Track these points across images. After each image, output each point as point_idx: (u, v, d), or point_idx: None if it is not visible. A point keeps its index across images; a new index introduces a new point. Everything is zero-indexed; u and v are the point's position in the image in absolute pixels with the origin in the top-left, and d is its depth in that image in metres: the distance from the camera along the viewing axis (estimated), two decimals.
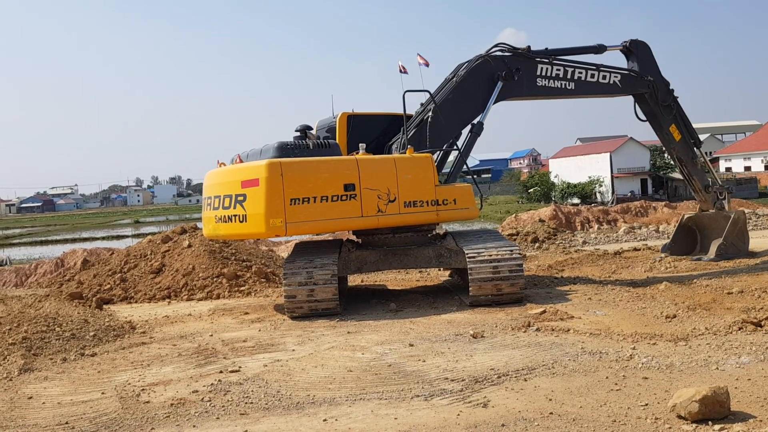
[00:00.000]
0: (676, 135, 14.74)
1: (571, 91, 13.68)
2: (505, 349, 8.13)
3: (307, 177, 10.82)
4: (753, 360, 7.02)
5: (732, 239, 14.93)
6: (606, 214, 26.15)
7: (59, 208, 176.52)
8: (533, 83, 13.27)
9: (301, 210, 10.69)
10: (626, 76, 14.13)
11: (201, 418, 6.28)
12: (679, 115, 14.77)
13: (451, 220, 12.51)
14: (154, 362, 8.58)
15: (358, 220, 11.18)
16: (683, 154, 14.98)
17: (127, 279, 14.89)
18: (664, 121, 14.56)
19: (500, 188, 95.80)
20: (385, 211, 11.21)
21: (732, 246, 14.93)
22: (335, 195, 10.89)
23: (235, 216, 11.02)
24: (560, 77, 13.49)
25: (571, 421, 5.62)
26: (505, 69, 12.85)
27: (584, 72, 13.69)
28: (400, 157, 11.64)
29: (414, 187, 11.43)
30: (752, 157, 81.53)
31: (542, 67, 13.28)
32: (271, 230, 10.69)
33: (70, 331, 10.16)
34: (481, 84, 12.81)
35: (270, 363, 8.13)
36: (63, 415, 6.57)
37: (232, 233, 11.50)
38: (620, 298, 10.96)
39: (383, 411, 6.17)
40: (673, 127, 14.66)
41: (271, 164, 10.68)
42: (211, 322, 11.21)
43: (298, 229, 11.00)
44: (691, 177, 15.27)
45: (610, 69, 13.93)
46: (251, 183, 10.78)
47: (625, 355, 7.51)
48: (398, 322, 10.17)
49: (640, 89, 14.27)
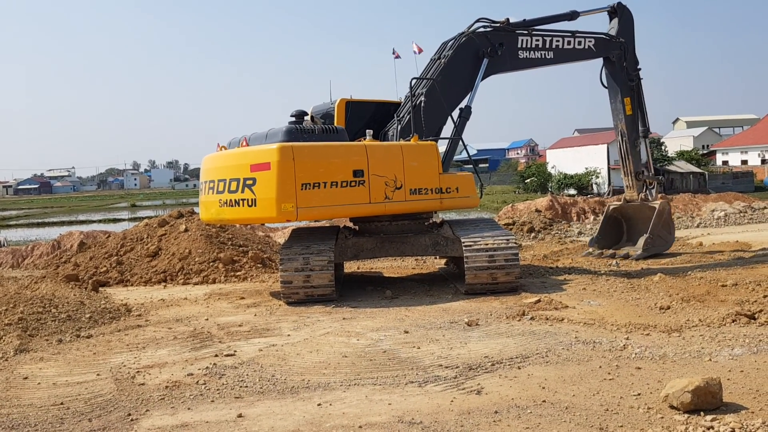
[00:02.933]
0: (628, 109, 14.93)
1: (551, 60, 13.84)
2: (500, 338, 8.17)
3: (318, 162, 10.73)
4: (746, 352, 7.06)
5: (658, 231, 14.82)
6: (602, 205, 26.11)
7: (56, 190, 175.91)
8: (515, 56, 13.39)
9: (311, 195, 10.61)
10: (599, 39, 14.36)
11: (196, 400, 6.31)
12: (638, 97, 15.04)
13: (453, 208, 12.54)
14: (150, 345, 8.61)
15: (366, 207, 11.13)
16: (628, 130, 15.04)
17: (123, 262, 14.89)
18: (622, 86, 14.76)
19: (497, 178, 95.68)
20: (392, 198, 11.21)
21: (658, 238, 14.86)
22: (344, 181, 10.84)
23: (243, 200, 10.84)
24: (539, 47, 13.62)
25: (564, 409, 5.65)
26: (489, 45, 12.92)
27: (561, 40, 13.87)
28: (407, 144, 11.63)
29: (419, 175, 11.44)
30: (749, 150, 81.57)
31: (522, 39, 13.39)
32: (282, 215, 10.58)
33: (66, 312, 10.18)
34: (467, 62, 12.85)
35: (265, 347, 8.15)
36: (58, 396, 6.59)
37: (239, 217, 11.35)
38: (614, 289, 11.01)
39: (377, 396, 6.20)
40: (627, 100, 14.87)
41: (283, 148, 10.55)
42: (206, 307, 11.23)
43: (308, 214, 10.92)
44: (627, 156, 15.21)
45: (585, 34, 14.15)
46: (261, 167, 10.61)
47: (619, 345, 7.54)
48: (394, 309, 10.20)
49: (612, 50, 14.52)
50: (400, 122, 12.31)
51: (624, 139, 15.14)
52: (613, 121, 15.31)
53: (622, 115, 14.97)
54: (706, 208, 25.32)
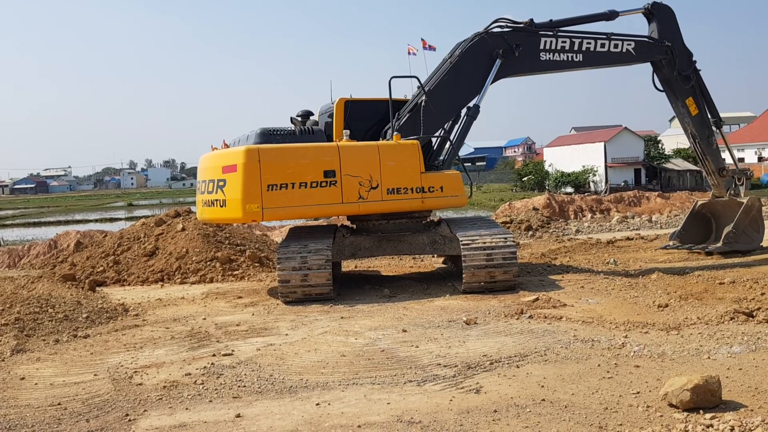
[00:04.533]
0: (693, 109, 13.75)
1: (579, 63, 13.11)
2: (498, 336, 8.15)
3: (286, 163, 10.92)
4: (744, 350, 7.06)
5: (743, 227, 13.88)
6: (599, 203, 26.16)
7: (52, 189, 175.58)
8: (536, 58, 12.79)
9: (278, 196, 10.79)
10: (641, 42, 13.35)
11: (194, 400, 6.29)
12: (699, 88, 13.83)
13: (437, 207, 12.46)
14: (147, 345, 8.58)
15: (338, 207, 11.26)
16: (698, 131, 13.90)
17: (120, 261, 14.85)
18: (680, 91, 13.64)
19: (494, 176, 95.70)
20: (367, 198, 11.22)
21: (743, 235, 13.92)
22: (314, 181, 10.97)
23: (216, 201, 11.26)
24: (566, 49, 12.89)
25: (563, 408, 5.64)
26: (504, 46, 12.46)
27: (593, 42, 13.04)
28: (384, 144, 11.62)
29: (398, 174, 11.40)
30: (746, 148, 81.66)
31: (546, 40, 12.72)
32: (247, 215, 10.86)
33: (62, 312, 10.14)
34: (478, 63, 12.49)
35: (263, 347, 8.13)
36: (55, 396, 6.57)
37: (213, 218, 11.79)
38: (613, 287, 11.00)
39: (376, 396, 6.18)
40: (690, 100, 13.72)
41: (248, 150, 10.82)
42: (204, 306, 11.21)
43: (275, 214, 11.18)
44: (704, 157, 14.18)
45: (623, 36, 13.20)
46: (230, 168, 10.94)
47: (618, 343, 7.54)
48: (391, 308, 10.18)
49: (657, 56, 13.44)
50: (398, 121, 12.26)
51: (696, 141, 14.01)
52: (681, 125, 14.24)
53: (688, 119, 13.80)
54: None
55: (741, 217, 13.81)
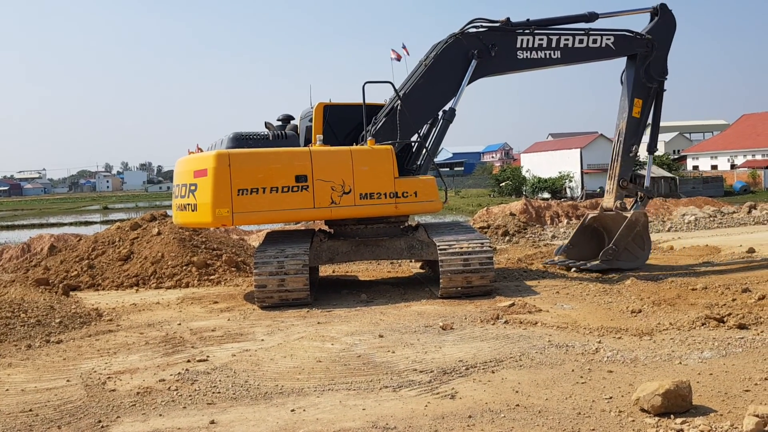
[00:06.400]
0: (636, 111, 13.49)
1: (558, 60, 13.03)
2: (474, 341, 8.20)
3: (257, 168, 10.98)
4: (715, 355, 7.17)
5: (626, 244, 13.22)
6: (575, 209, 26.36)
7: (26, 192, 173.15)
8: (513, 57, 12.77)
9: (249, 200, 10.84)
10: (620, 36, 13.27)
11: (167, 407, 6.24)
12: (655, 105, 13.69)
13: (411, 212, 12.41)
14: (121, 350, 8.50)
15: (310, 212, 11.32)
16: (627, 131, 13.54)
17: (94, 266, 14.69)
18: (636, 85, 13.39)
19: (472, 181, 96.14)
20: (339, 202, 11.25)
21: (626, 252, 13.23)
22: (286, 186, 11.02)
23: (188, 205, 11.36)
24: (544, 47, 12.87)
25: (537, 413, 5.69)
26: (480, 46, 12.49)
27: (571, 38, 13.01)
28: (357, 149, 11.63)
29: (371, 179, 11.43)
30: (719, 156, 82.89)
31: (523, 38, 12.73)
32: (217, 220, 10.92)
33: (35, 317, 10.02)
34: (453, 65, 12.51)
35: (238, 353, 8.10)
36: (27, 403, 6.48)
37: (185, 222, 11.88)
38: (587, 292, 11.11)
39: (351, 401, 6.19)
40: (639, 102, 13.49)
41: (219, 155, 10.90)
42: (179, 311, 11.13)
43: (245, 219, 11.25)
44: (617, 158, 13.71)
45: (602, 31, 13.17)
46: (201, 173, 11.02)
47: (591, 348, 7.62)
48: (368, 313, 10.19)
49: (637, 49, 13.34)
50: (374, 126, 12.29)
51: (620, 140, 13.65)
52: (617, 120, 13.79)
53: (626, 114, 13.48)
54: (677, 213, 25.67)
55: (623, 232, 13.18)
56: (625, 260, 13.26)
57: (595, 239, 14.06)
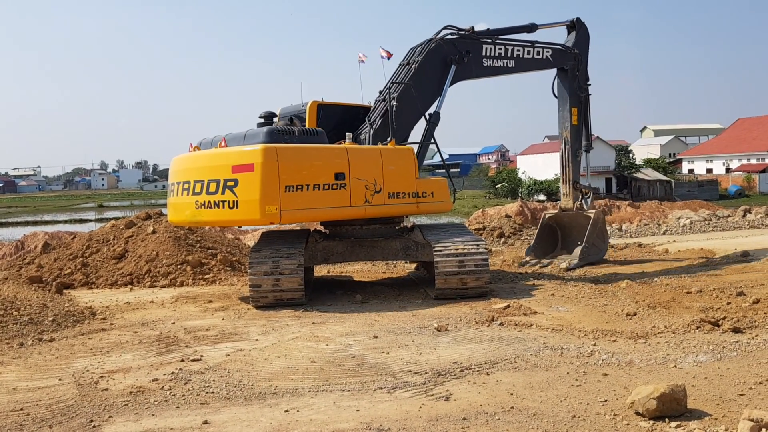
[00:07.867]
0: (575, 119, 15.38)
1: (512, 69, 14.22)
2: (469, 343, 8.17)
3: (302, 164, 10.65)
4: (710, 359, 7.16)
5: (593, 240, 14.91)
6: None
7: (21, 189, 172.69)
8: (480, 64, 13.73)
9: (295, 197, 10.51)
10: (556, 50, 14.90)
11: (160, 406, 6.20)
12: (585, 109, 15.52)
13: (429, 212, 12.70)
14: (114, 349, 8.45)
15: (347, 210, 11.12)
16: (572, 139, 15.42)
17: (88, 264, 14.63)
18: (571, 96, 15.22)
19: (468, 183, 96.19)
20: (372, 201, 11.22)
21: (593, 247, 14.93)
22: (326, 183, 10.81)
23: (224, 202, 10.63)
24: (502, 56, 14.01)
25: (532, 415, 5.67)
26: (457, 52, 13.22)
27: (522, 49, 14.28)
28: (385, 149, 11.66)
29: (397, 179, 11.52)
30: (714, 159, 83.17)
31: (486, 47, 13.79)
32: (266, 217, 10.44)
33: (28, 315, 9.96)
34: (436, 68, 13.08)
35: (232, 352, 8.06)
36: (18, 402, 6.43)
37: (219, 219, 11.08)
38: (582, 295, 11.11)
39: (346, 402, 6.16)
40: (575, 110, 15.33)
41: (267, 149, 10.42)
42: (173, 310, 11.08)
43: (292, 216, 10.80)
44: (567, 164, 15.53)
45: (543, 44, 14.62)
46: (244, 168, 10.46)
47: (586, 351, 7.60)
48: (363, 314, 10.16)
49: (568, 62, 15.07)
50: (373, 126, 12.30)
51: (567, 147, 15.49)
52: (559, 130, 15.67)
53: (568, 124, 15.35)
54: (672, 216, 25.71)
55: (590, 231, 14.78)
56: (593, 254, 14.93)
57: (552, 236, 16.00)
